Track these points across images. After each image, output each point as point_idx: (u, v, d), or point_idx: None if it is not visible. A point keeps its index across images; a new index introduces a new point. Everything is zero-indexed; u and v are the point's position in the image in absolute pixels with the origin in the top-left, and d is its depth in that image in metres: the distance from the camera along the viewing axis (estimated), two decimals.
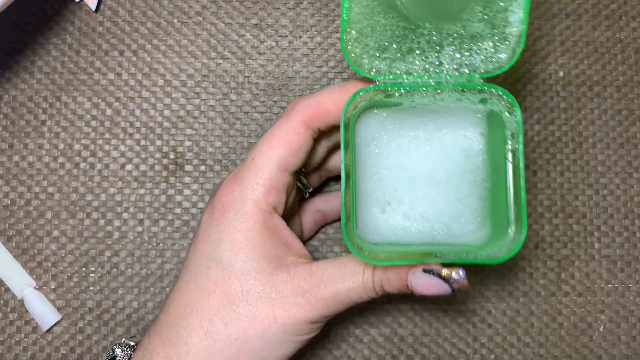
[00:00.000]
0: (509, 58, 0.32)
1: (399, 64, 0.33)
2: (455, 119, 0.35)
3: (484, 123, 0.34)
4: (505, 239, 0.31)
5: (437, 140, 0.35)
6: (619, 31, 0.44)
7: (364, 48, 0.33)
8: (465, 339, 0.41)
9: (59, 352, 0.40)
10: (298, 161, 0.33)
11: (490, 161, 0.34)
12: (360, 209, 0.34)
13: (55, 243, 0.41)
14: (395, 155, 0.35)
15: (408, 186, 0.34)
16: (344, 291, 0.32)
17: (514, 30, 0.32)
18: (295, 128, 0.33)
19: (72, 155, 0.42)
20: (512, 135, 0.32)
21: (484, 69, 0.33)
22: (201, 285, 0.32)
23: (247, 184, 0.33)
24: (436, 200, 0.34)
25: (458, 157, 0.34)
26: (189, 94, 0.43)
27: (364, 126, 0.35)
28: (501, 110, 0.32)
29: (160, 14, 0.44)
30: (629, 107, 0.43)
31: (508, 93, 0.32)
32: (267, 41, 0.44)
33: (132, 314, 0.41)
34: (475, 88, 0.32)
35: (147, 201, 0.42)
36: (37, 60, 0.43)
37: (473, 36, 0.33)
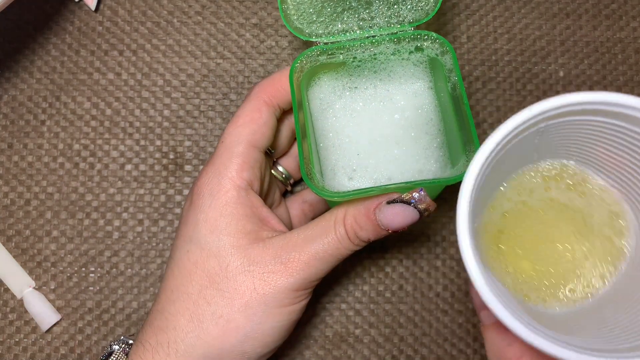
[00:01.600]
0: (434, 4, 0.36)
1: (335, 25, 0.36)
2: (401, 75, 0.37)
3: (428, 75, 0.36)
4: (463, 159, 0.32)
5: (388, 101, 0.36)
6: (619, 31, 0.44)
7: (302, 15, 0.36)
8: (465, 339, 0.41)
9: (58, 352, 0.40)
10: (265, 137, 0.34)
11: (441, 110, 0.36)
12: (328, 179, 0.35)
13: (55, 243, 0.41)
14: (352, 121, 0.36)
15: (370, 149, 0.35)
16: (321, 248, 0.32)
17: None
18: (257, 105, 0.34)
19: (71, 155, 0.42)
20: (449, 70, 0.34)
21: (413, 17, 0.36)
22: (183, 269, 0.33)
23: (219, 163, 0.33)
24: (398, 158, 0.35)
25: (411, 112, 0.36)
26: (188, 93, 0.43)
27: (317, 94, 0.36)
28: (437, 54, 0.35)
29: (160, 14, 0.44)
30: None
31: (437, 35, 0.35)
32: (267, 41, 0.43)
33: (131, 314, 0.41)
34: (408, 36, 0.35)
35: (146, 201, 0.42)
36: (36, 60, 0.43)
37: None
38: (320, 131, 0.36)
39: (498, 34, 0.44)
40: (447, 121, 0.35)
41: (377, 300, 0.41)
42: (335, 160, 0.36)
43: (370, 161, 0.35)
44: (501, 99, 0.43)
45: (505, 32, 0.44)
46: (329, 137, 0.36)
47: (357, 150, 0.36)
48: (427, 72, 0.37)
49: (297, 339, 0.41)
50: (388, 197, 0.32)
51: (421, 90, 0.36)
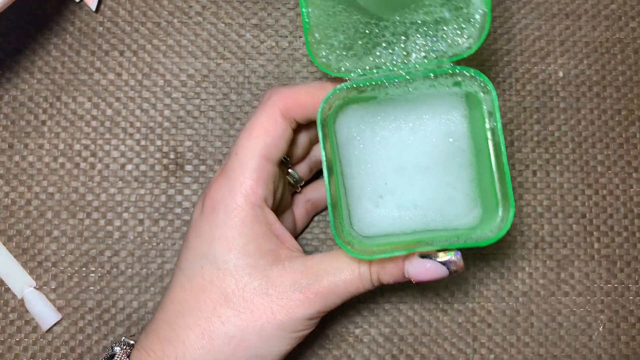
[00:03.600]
0: (477, 39, 0.32)
1: (367, 59, 0.33)
2: (435, 104, 0.34)
3: (464, 104, 0.34)
4: (495, 220, 0.31)
5: (420, 128, 0.35)
6: (619, 31, 0.44)
7: (330, 49, 0.33)
8: (465, 338, 0.41)
9: (59, 351, 0.40)
10: (280, 150, 0.33)
11: (474, 142, 0.34)
12: (353, 205, 0.34)
13: (56, 243, 0.41)
14: (380, 148, 0.35)
15: (397, 177, 0.34)
16: (342, 284, 0.32)
17: (478, 11, 0.32)
18: (274, 117, 0.33)
19: (72, 155, 0.42)
20: (489, 113, 0.32)
21: (452, 52, 0.33)
22: (196, 284, 0.32)
23: (234, 178, 0.33)
24: (426, 187, 0.34)
25: (442, 141, 0.34)
26: (189, 94, 0.43)
27: (345, 123, 0.35)
28: (476, 90, 0.32)
29: (160, 14, 0.44)
30: (628, 107, 0.43)
31: (479, 73, 0.32)
32: (267, 41, 0.44)
33: (132, 314, 0.41)
34: (446, 72, 0.32)
35: (147, 201, 0.42)
36: (37, 60, 0.43)
37: (437, 22, 0.33)
38: (346, 159, 0.35)
39: (498, 34, 0.44)
40: (480, 158, 0.34)
41: (377, 299, 0.41)
42: (361, 188, 0.35)
43: (397, 188, 0.34)
44: (501, 99, 0.43)
45: (504, 32, 0.44)
46: (355, 165, 0.35)
47: (385, 179, 0.35)
48: (463, 102, 0.34)
49: None
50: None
51: (456, 119, 0.34)
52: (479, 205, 0.34)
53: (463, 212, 0.34)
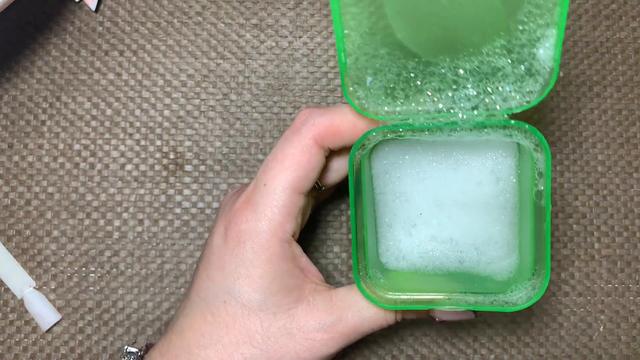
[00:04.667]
0: (538, 94, 0.28)
1: (409, 106, 0.30)
2: (483, 146, 0.32)
3: (514, 147, 0.31)
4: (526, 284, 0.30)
5: (463, 164, 0.32)
6: (619, 31, 0.44)
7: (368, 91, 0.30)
8: (465, 339, 0.41)
9: (58, 352, 0.40)
10: (311, 182, 0.32)
11: (520, 186, 0.32)
12: (383, 234, 0.32)
13: (55, 243, 0.41)
14: (418, 181, 0.32)
15: (434, 210, 0.32)
16: (366, 322, 0.31)
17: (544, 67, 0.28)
18: (308, 146, 0.31)
19: (72, 155, 0.42)
20: (539, 174, 0.29)
21: (508, 105, 0.29)
22: (219, 318, 0.31)
23: (261, 211, 0.31)
24: (464, 223, 0.32)
25: (487, 180, 0.32)
26: (189, 94, 0.43)
27: (382, 154, 0.32)
28: (528, 146, 0.29)
29: (160, 14, 0.44)
30: (628, 107, 0.43)
31: (535, 130, 0.28)
32: (267, 41, 0.44)
33: (132, 314, 0.41)
34: (497, 125, 0.29)
35: (146, 201, 0.42)
36: (37, 60, 0.43)
37: (494, 72, 0.29)
38: (380, 189, 0.33)
39: None
40: (523, 205, 0.31)
41: None
42: (394, 216, 0.32)
43: (433, 220, 0.32)
44: None
45: None
46: (389, 195, 0.33)
47: (420, 210, 0.32)
48: (514, 147, 0.31)
49: None
50: None
51: (504, 160, 0.32)
52: (517, 252, 0.32)
53: (500, 256, 0.32)
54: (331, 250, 0.42)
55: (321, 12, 0.44)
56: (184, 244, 0.41)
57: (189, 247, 0.41)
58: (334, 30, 0.28)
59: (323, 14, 0.44)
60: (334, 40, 0.44)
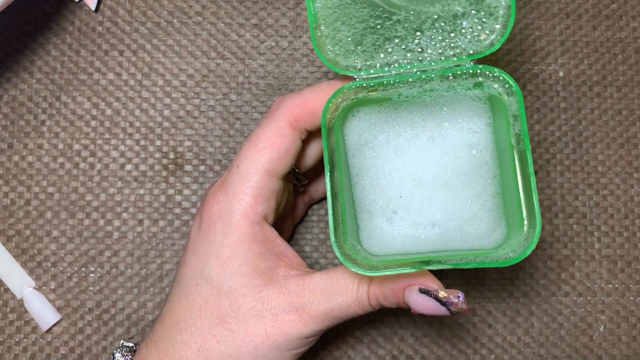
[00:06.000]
0: (500, 35, 0.29)
1: (378, 57, 0.31)
2: (456, 111, 0.31)
3: (488, 111, 0.31)
4: (519, 237, 0.29)
5: (439, 137, 0.32)
6: (619, 31, 0.44)
7: (338, 44, 0.31)
8: (465, 339, 0.41)
9: (58, 352, 0.40)
10: (286, 165, 0.32)
11: (498, 153, 0.31)
12: (363, 220, 0.32)
13: (55, 243, 0.41)
14: (395, 157, 0.32)
15: (414, 190, 0.31)
16: (337, 307, 0.31)
17: (501, 3, 0.30)
18: (281, 129, 0.32)
19: (71, 155, 0.42)
20: (514, 117, 0.29)
21: (473, 50, 0.30)
22: (192, 302, 0.32)
23: (233, 193, 0.31)
24: (446, 203, 0.31)
25: (464, 152, 0.31)
26: (188, 94, 0.43)
27: (355, 127, 0.32)
28: (500, 93, 0.29)
29: (160, 14, 0.44)
30: (629, 107, 0.43)
31: (502, 72, 0.29)
32: (267, 41, 0.44)
33: (131, 314, 0.41)
34: (466, 72, 0.29)
35: (146, 201, 0.42)
36: (36, 60, 0.43)
37: (455, 15, 0.30)
38: (356, 169, 0.32)
39: None
40: (504, 170, 0.31)
41: None
42: (373, 201, 0.32)
43: (413, 203, 0.31)
44: None
45: None
46: (366, 175, 0.32)
47: (400, 192, 0.31)
48: (487, 107, 0.31)
49: None
50: (422, 279, 0.30)
51: (478, 128, 0.31)
52: (503, 223, 0.31)
53: (486, 231, 0.31)
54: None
55: None
56: (184, 244, 0.41)
57: None
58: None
59: None
60: None
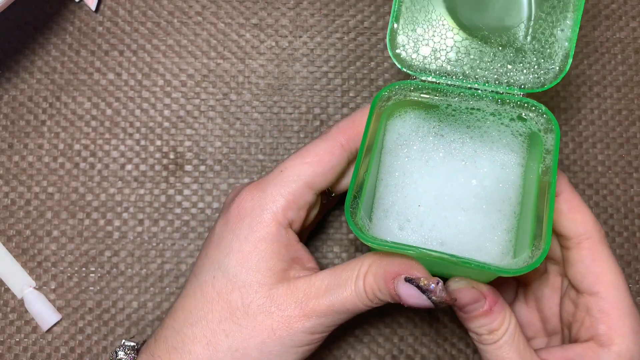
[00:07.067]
0: (554, 77, 0.32)
1: (439, 64, 0.33)
2: (495, 141, 0.33)
3: (524, 151, 0.33)
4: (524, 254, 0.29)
5: (472, 161, 0.33)
6: (619, 31, 0.44)
7: (407, 43, 0.33)
8: (465, 338, 0.41)
9: (59, 352, 0.40)
10: (327, 181, 0.33)
11: (523, 191, 0.32)
12: (377, 218, 0.33)
13: (55, 243, 0.41)
14: (425, 168, 0.33)
15: (433, 204, 0.32)
16: (338, 300, 0.31)
17: (560, 50, 0.32)
18: (331, 147, 0.33)
19: (72, 155, 0.42)
20: (547, 151, 0.31)
21: (525, 84, 0.32)
22: (206, 294, 0.32)
23: (269, 193, 0.32)
24: (460, 227, 0.32)
25: (492, 183, 0.33)
26: (188, 94, 0.43)
27: (397, 127, 0.34)
28: (539, 129, 0.32)
29: (160, 14, 0.44)
30: (628, 107, 0.43)
31: (546, 109, 0.31)
32: (267, 41, 0.44)
33: (132, 314, 0.41)
34: (514, 101, 0.32)
35: (147, 201, 0.42)
36: (37, 60, 0.43)
37: (519, 50, 0.33)
38: (387, 166, 0.33)
39: None
40: (525, 204, 0.32)
41: None
42: (392, 203, 0.33)
43: (429, 217, 0.32)
44: None
45: None
46: (394, 175, 0.33)
47: (420, 201, 0.32)
48: (524, 147, 0.33)
49: None
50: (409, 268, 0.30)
51: (510, 165, 0.33)
52: (510, 256, 0.32)
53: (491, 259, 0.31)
54: (331, 250, 0.42)
55: (321, 12, 0.44)
56: (184, 244, 0.41)
57: (189, 247, 0.41)
58: None
59: (323, 14, 0.44)
60: (334, 40, 0.44)
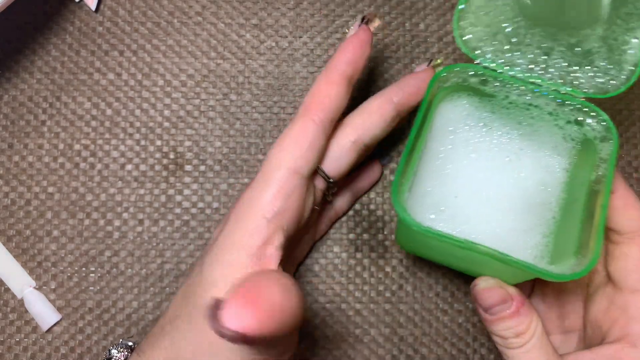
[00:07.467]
0: (619, 85, 0.31)
1: (503, 54, 0.32)
2: (545, 143, 0.32)
3: (574, 157, 0.32)
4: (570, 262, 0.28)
5: (517, 160, 0.32)
6: None
7: (475, 28, 0.32)
8: (465, 339, 0.41)
9: (59, 352, 0.40)
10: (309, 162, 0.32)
11: (566, 197, 0.31)
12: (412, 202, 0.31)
13: (55, 243, 0.41)
14: (468, 158, 0.32)
15: (470, 197, 0.31)
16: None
17: (630, 58, 0.31)
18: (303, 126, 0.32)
19: (72, 155, 0.42)
20: (602, 160, 0.30)
21: (590, 88, 0.31)
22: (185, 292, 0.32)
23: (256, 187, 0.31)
24: (493, 224, 0.31)
25: (534, 185, 0.32)
26: (189, 94, 0.43)
27: (447, 112, 0.33)
28: (595, 136, 0.31)
29: (160, 14, 0.44)
30: (629, 107, 0.43)
31: (608, 118, 0.30)
32: (267, 41, 0.44)
33: (132, 314, 0.41)
34: (574, 103, 0.31)
35: (147, 201, 0.42)
36: (37, 60, 0.43)
37: (588, 52, 0.31)
38: (430, 151, 0.32)
39: None
40: (568, 210, 0.31)
41: (377, 300, 0.41)
42: (430, 187, 0.32)
43: (463, 210, 0.31)
44: None
45: None
46: (435, 161, 0.32)
47: (457, 192, 0.31)
48: (573, 153, 0.32)
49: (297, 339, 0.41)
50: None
51: (555, 168, 0.32)
52: (546, 261, 0.31)
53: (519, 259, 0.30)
54: (331, 250, 0.42)
55: (321, 12, 0.44)
56: (184, 244, 0.41)
57: (189, 247, 0.41)
58: None
59: (323, 14, 0.44)
60: (333, 40, 0.44)
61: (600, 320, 0.33)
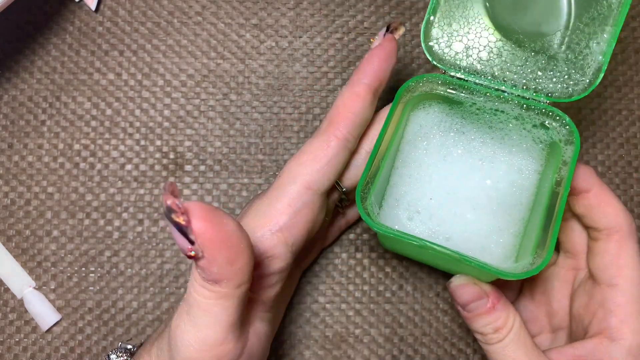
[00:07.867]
0: (582, 89, 0.32)
1: (470, 63, 0.33)
2: (515, 146, 0.33)
3: (543, 159, 0.33)
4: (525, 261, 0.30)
5: (489, 162, 0.33)
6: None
7: (441, 38, 0.33)
8: (465, 339, 0.41)
9: (58, 352, 0.40)
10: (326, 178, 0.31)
11: (535, 199, 0.33)
12: (387, 206, 0.33)
13: (55, 243, 0.41)
14: (442, 163, 0.33)
15: (445, 200, 0.33)
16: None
17: (593, 63, 0.32)
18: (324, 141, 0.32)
19: (71, 155, 0.42)
20: (564, 162, 0.31)
21: (553, 92, 0.32)
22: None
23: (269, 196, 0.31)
24: (468, 225, 0.32)
25: (506, 186, 0.33)
26: (188, 94, 0.43)
27: (419, 119, 0.34)
28: (560, 139, 0.32)
29: (160, 14, 0.44)
30: (629, 107, 0.43)
31: (570, 121, 0.31)
32: (267, 41, 0.44)
33: (131, 314, 0.41)
34: (539, 108, 0.32)
35: (146, 201, 0.42)
36: (37, 60, 0.43)
37: (551, 58, 0.32)
38: (404, 156, 0.33)
39: None
40: (535, 211, 0.32)
41: (377, 300, 0.41)
42: (404, 193, 0.33)
43: (438, 212, 0.32)
44: None
45: None
46: (410, 166, 0.33)
47: (432, 195, 0.33)
48: (543, 155, 0.33)
49: (297, 339, 0.41)
50: None
51: (527, 170, 0.33)
52: (512, 260, 0.32)
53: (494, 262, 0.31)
54: (331, 250, 0.42)
55: (321, 12, 0.44)
56: None
57: None
58: None
59: (323, 14, 0.44)
60: (334, 40, 0.44)
61: (582, 315, 0.33)
